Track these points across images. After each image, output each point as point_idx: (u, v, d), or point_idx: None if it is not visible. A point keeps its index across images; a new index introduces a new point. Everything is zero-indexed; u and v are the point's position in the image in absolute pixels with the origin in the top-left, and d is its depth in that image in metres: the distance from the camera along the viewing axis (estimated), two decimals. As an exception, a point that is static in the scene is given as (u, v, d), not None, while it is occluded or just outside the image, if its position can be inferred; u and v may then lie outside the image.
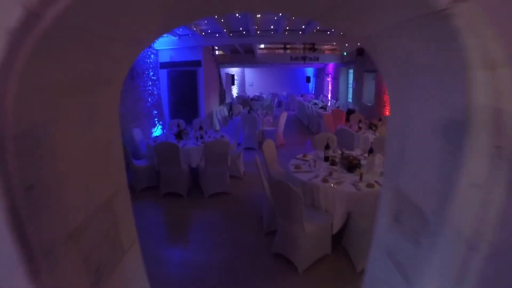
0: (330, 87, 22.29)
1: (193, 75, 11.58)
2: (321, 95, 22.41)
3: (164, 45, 10.96)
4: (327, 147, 5.73)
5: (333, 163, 5.33)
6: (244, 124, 10.25)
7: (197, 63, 11.45)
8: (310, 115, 14.97)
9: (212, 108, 13.06)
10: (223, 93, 15.92)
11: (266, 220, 5.20)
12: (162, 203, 6.71)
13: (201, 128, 7.67)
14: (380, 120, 9.84)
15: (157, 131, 10.86)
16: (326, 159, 5.71)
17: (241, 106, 14.70)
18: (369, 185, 4.60)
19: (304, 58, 16.93)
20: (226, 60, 18.62)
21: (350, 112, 13.32)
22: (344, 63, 18.83)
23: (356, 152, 6.29)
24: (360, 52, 15.09)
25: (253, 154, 10.04)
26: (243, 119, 10.54)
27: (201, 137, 7.44)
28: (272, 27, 10.54)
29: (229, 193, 6.95)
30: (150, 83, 10.64)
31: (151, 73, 10.76)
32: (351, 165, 5.14)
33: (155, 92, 11.04)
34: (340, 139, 7.76)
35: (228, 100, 16.31)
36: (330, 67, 21.96)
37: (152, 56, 10.88)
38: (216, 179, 6.73)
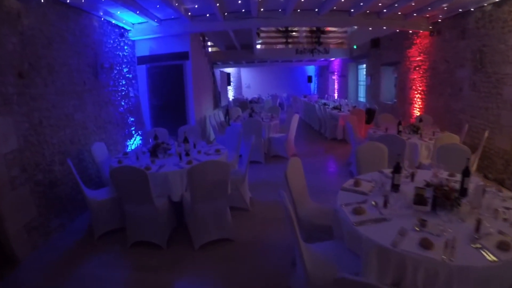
0: (336, 86, 20.07)
1: (179, 70, 9.25)
2: (326, 95, 20.28)
3: (142, 34, 8.64)
4: (397, 169, 3.38)
5: (421, 200, 2.95)
6: (246, 131, 7.96)
7: (184, 55, 9.13)
8: (321, 118, 12.67)
9: (204, 112, 10.73)
10: (217, 95, 13.58)
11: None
12: (130, 258, 4.36)
13: (186, 140, 5.27)
14: (421, 120, 7.54)
15: (134, 144, 8.51)
16: (395, 188, 3.38)
17: (240, 109, 12.38)
18: (502, 245, 2.31)
19: (312, 51, 14.64)
20: (220, 58, 16.29)
21: (370, 112, 11.06)
22: (353, 58, 16.65)
23: (410, 168, 4.15)
24: (375, 43, 12.94)
25: (259, 170, 7.78)
26: (245, 125, 8.27)
27: (187, 154, 5.10)
28: (279, 10, 8.25)
29: (231, 240, 4.60)
30: (124, 82, 8.33)
31: (125, 70, 8.46)
32: (448, 200, 2.83)
33: (131, 94, 8.72)
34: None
35: (224, 103, 13.99)
36: (336, 64, 19.81)
37: (126, 48, 8.55)
38: (210, 220, 4.38)
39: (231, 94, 23.15)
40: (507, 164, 6.47)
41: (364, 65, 16.21)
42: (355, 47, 15.70)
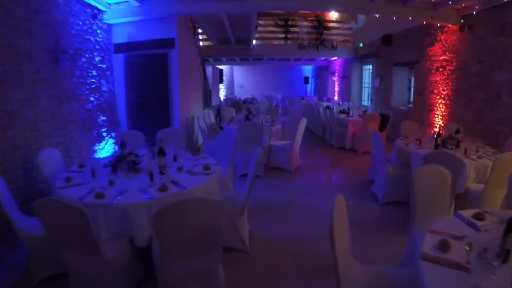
0: (337, 88, 18.67)
1: (162, 60, 7.66)
2: (325, 97, 18.97)
3: (120, 16, 7.10)
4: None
5: None
6: (242, 138, 6.48)
7: (169, 43, 7.56)
8: (326, 123, 11.21)
9: (192, 112, 9.17)
10: (208, 93, 12.02)
11: None
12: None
13: (161, 151, 3.65)
14: (458, 132, 6.07)
15: (105, 150, 6.98)
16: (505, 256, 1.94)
17: (233, 110, 10.78)
18: None
19: (317, 47, 13.11)
20: (212, 53, 14.72)
21: (383, 118, 9.62)
22: (358, 58, 15.24)
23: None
24: (387, 40, 11.56)
25: (257, 187, 6.24)
26: (241, 130, 6.76)
27: (162, 172, 3.56)
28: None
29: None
30: (95, 73, 6.80)
31: (98, 59, 6.92)
32: None
33: (104, 88, 7.18)
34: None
35: (215, 102, 12.52)
36: (337, 64, 18.41)
37: (99, 32, 7.01)
38: (193, 284, 2.82)
39: (222, 93, 21.70)
40: None
41: (370, 66, 14.89)
42: (361, 45, 14.29)
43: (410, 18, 7.89)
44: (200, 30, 12.40)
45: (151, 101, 7.89)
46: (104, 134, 7.03)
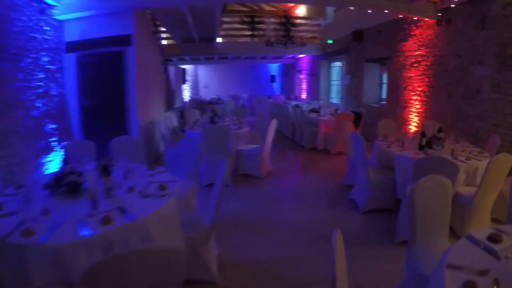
0: (304, 86, 18.23)
1: (117, 59, 6.89)
2: (292, 96, 18.49)
3: (72, 11, 6.32)
4: None
5: None
6: (207, 144, 5.85)
7: (125, 40, 6.80)
8: (296, 123, 10.69)
9: (153, 116, 8.41)
10: (171, 94, 11.26)
11: None
12: None
13: (105, 170, 2.89)
14: (441, 130, 5.62)
15: (55, 162, 6.17)
16: None
17: (198, 112, 10.01)
18: None
19: (285, 44, 12.54)
20: (175, 52, 13.88)
21: (357, 116, 9.18)
22: (326, 55, 14.80)
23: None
24: (358, 36, 11.17)
25: (226, 198, 5.47)
26: (206, 135, 6.08)
27: (109, 194, 2.85)
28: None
29: None
30: (43, 76, 6.00)
31: (46, 59, 6.11)
32: None
33: (54, 92, 6.37)
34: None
35: (178, 104, 11.79)
36: (304, 61, 17.97)
37: (48, 29, 6.21)
38: None
39: (187, 94, 20.91)
40: None
41: (338, 63, 14.57)
42: (330, 41, 13.86)
43: (386, 11, 7.59)
44: (163, 29, 11.63)
45: (106, 105, 7.10)
46: (54, 145, 6.23)
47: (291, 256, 3.95)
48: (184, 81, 15.78)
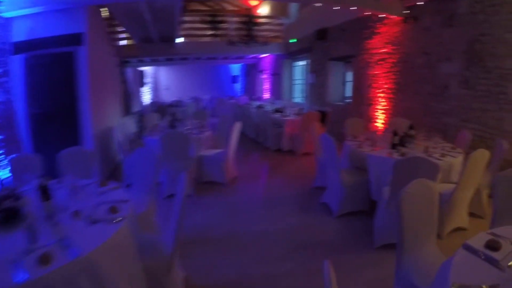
0: (267, 86, 17.97)
1: (68, 61, 6.27)
2: (255, 96, 18.06)
3: (19, 7, 5.69)
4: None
5: None
6: (166, 151, 5.41)
7: (75, 39, 6.18)
8: (260, 124, 10.36)
9: (109, 123, 7.79)
10: (128, 98, 10.67)
11: None
12: None
13: (45, 193, 2.43)
14: (411, 127, 5.45)
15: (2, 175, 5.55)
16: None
17: (157, 116, 9.44)
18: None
19: (247, 43, 12.18)
20: (134, 53, 13.20)
21: (322, 115, 8.97)
22: (288, 54, 14.61)
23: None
24: (322, 34, 11.00)
25: (189, 209, 5.15)
26: (164, 141, 5.57)
27: (51, 222, 2.38)
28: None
29: None
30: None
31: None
32: None
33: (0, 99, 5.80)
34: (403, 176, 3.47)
35: (137, 108, 11.21)
36: (266, 61, 17.71)
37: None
38: None
39: (148, 97, 20.19)
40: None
41: (301, 62, 14.40)
42: (294, 40, 13.66)
43: (353, 8, 7.50)
44: (121, 29, 11.01)
45: (57, 112, 6.46)
46: (0, 158, 5.62)
47: (265, 274, 3.60)
48: (142, 84, 15.06)
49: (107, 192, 2.97)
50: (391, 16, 7.84)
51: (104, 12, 8.96)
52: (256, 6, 17.38)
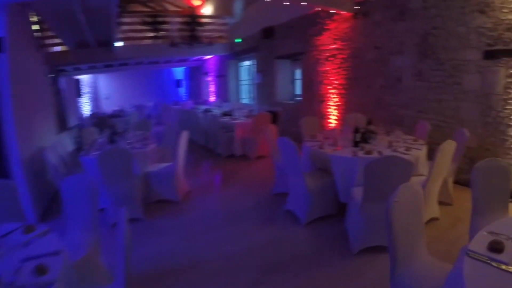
0: (212, 88, 17.48)
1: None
2: (201, 100, 17.54)
3: None
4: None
5: None
6: (106, 172, 4.73)
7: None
8: (209, 129, 9.81)
9: (41, 142, 6.64)
10: (63, 111, 9.76)
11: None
12: None
13: None
14: (370, 123, 5.25)
15: None
16: None
17: (96, 130, 8.48)
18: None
19: (191, 44, 11.56)
20: (68, 60, 12.02)
21: (273, 116, 8.61)
22: (234, 54, 14.20)
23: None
24: (268, 33, 10.76)
25: (138, 235, 4.40)
26: (103, 162, 4.74)
27: None
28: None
29: None
30: None
31: None
32: None
33: None
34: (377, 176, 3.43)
35: (73, 123, 10.30)
36: (211, 63, 17.23)
37: None
38: None
39: (87, 108, 18.98)
40: (472, 163, 4.62)
41: (247, 62, 14.10)
42: (239, 40, 13.29)
43: (304, 3, 7.37)
44: (52, 33, 9.98)
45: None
46: None
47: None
48: (79, 94, 13.91)
49: (33, 242, 2.29)
50: (341, 12, 7.74)
51: (33, 16, 8.04)
52: (199, 6, 16.91)
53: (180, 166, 5.85)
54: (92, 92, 20.42)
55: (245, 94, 14.93)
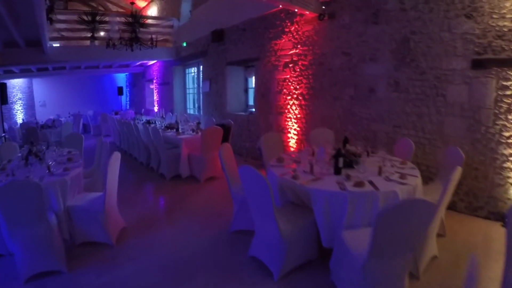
0: (156, 97, 16.22)
1: None
2: (143, 109, 16.16)
3: None
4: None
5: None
6: (9, 211, 3.45)
7: None
8: (149, 145, 8.47)
9: None
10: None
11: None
12: None
13: None
14: (347, 141, 4.43)
15: None
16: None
17: (17, 146, 6.92)
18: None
19: (131, 45, 10.27)
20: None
21: (224, 130, 7.54)
22: (180, 60, 13.04)
23: None
24: (218, 36, 9.74)
25: None
26: (4, 198, 3.41)
27: None
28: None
29: None
30: None
31: None
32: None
33: None
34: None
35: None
36: (155, 69, 16.01)
37: None
38: None
39: (20, 116, 17.12)
40: (458, 184, 4.19)
41: (194, 68, 13.02)
42: (184, 44, 12.19)
43: (263, 0, 6.61)
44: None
45: None
46: None
47: None
48: (5, 101, 12.06)
49: None
50: (305, 12, 6.86)
51: None
52: (145, 8, 15.80)
53: (113, 197, 4.59)
54: (26, 99, 18.48)
55: (193, 103, 13.87)
